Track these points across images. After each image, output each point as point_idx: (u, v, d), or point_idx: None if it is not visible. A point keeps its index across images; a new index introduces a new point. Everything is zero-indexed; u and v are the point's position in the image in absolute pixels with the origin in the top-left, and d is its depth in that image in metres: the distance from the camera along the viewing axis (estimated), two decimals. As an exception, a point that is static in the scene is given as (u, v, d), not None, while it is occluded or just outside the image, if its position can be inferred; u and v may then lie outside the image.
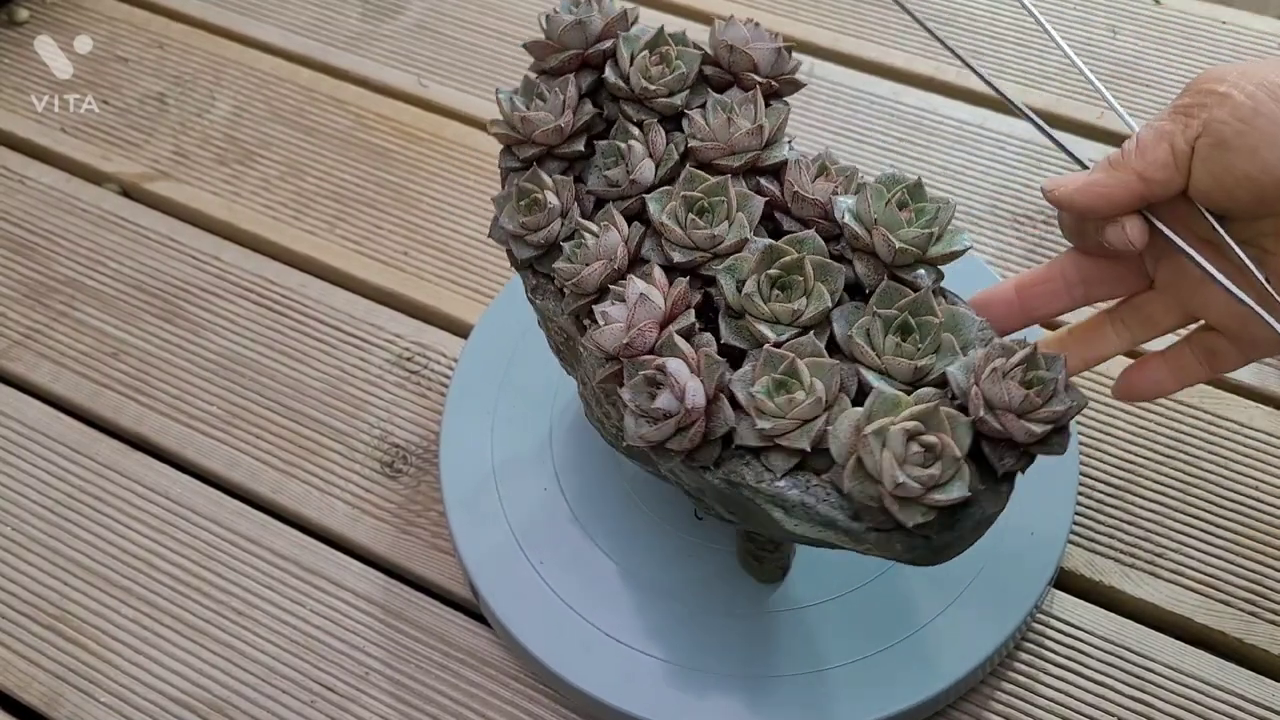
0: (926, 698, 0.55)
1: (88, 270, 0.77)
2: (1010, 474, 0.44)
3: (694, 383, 0.44)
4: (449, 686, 0.60)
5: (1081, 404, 0.43)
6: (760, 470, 0.45)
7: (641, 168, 0.50)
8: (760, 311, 0.46)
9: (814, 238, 0.47)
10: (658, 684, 0.56)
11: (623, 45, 0.52)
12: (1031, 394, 0.42)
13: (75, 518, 0.66)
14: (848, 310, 0.47)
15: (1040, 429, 0.42)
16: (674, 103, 0.51)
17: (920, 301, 0.45)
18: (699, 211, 0.48)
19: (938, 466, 0.42)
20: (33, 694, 0.61)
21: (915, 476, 0.41)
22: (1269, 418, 0.66)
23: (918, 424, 0.42)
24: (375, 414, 0.70)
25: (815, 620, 0.57)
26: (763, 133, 0.50)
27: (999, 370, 0.42)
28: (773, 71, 0.52)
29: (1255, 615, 0.59)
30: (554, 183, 0.51)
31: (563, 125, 0.51)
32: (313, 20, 0.91)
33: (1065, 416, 0.43)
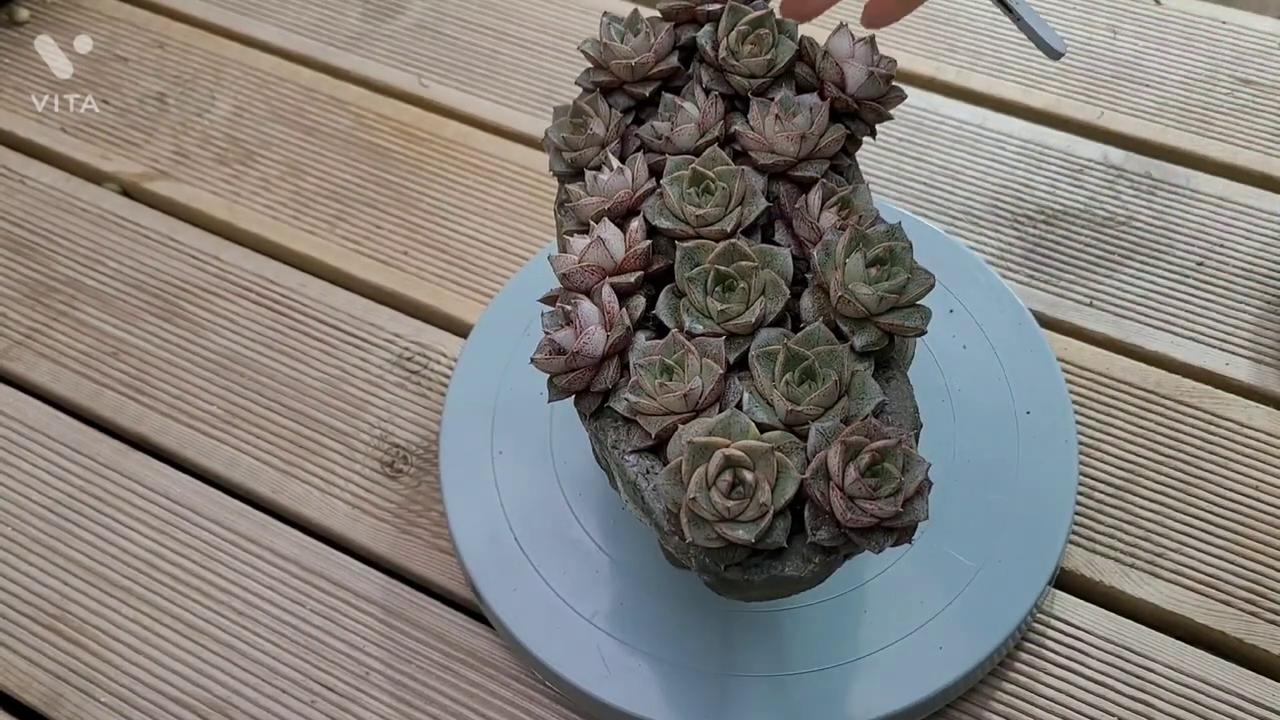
0: (926, 697, 0.55)
1: (88, 270, 0.77)
2: (827, 549, 0.44)
3: (597, 333, 0.46)
4: (449, 686, 0.60)
5: (915, 521, 0.43)
6: (619, 438, 0.47)
7: (684, 130, 0.51)
8: (695, 301, 0.47)
9: (785, 255, 0.48)
10: (658, 684, 0.56)
11: (728, 14, 0.53)
12: (868, 480, 0.42)
13: (75, 518, 0.66)
14: (775, 334, 0.47)
15: (861, 517, 0.42)
16: (746, 83, 0.52)
17: (834, 355, 0.45)
18: (703, 188, 0.49)
19: (742, 503, 0.42)
20: (33, 694, 0.61)
21: (713, 501, 0.42)
22: (1269, 418, 0.66)
23: (744, 456, 0.43)
24: (375, 414, 0.70)
25: (815, 620, 0.57)
26: (801, 143, 0.50)
27: (851, 445, 0.43)
28: (859, 92, 0.52)
29: (1255, 615, 0.59)
30: (607, 113, 0.53)
31: (637, 63, 0.52)
32: (313, 20, 0.91)
33: (893, 520, 0.43)
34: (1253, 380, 0.68)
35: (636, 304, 0.48)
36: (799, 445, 0.45)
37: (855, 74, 0.52)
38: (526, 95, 0.85)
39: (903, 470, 0.43)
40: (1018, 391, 0.64)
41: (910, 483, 0.43)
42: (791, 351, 0.45)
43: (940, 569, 0.58)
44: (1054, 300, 0.71)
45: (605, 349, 0.47)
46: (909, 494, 0.43)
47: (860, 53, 0.52)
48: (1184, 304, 0.71)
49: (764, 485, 0.43)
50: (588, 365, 0.47)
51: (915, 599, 0.57)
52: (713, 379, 0.45)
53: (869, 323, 0.47)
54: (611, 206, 0.50)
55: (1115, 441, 0.66)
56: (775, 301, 0.47)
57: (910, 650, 0.56)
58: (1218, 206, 0.75)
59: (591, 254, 0.48)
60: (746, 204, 0.49)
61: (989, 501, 0.60)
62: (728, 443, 0.44)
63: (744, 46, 0.52)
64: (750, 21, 0.53)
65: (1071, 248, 0.74)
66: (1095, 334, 0.70)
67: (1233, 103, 0.81)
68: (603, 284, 0.48)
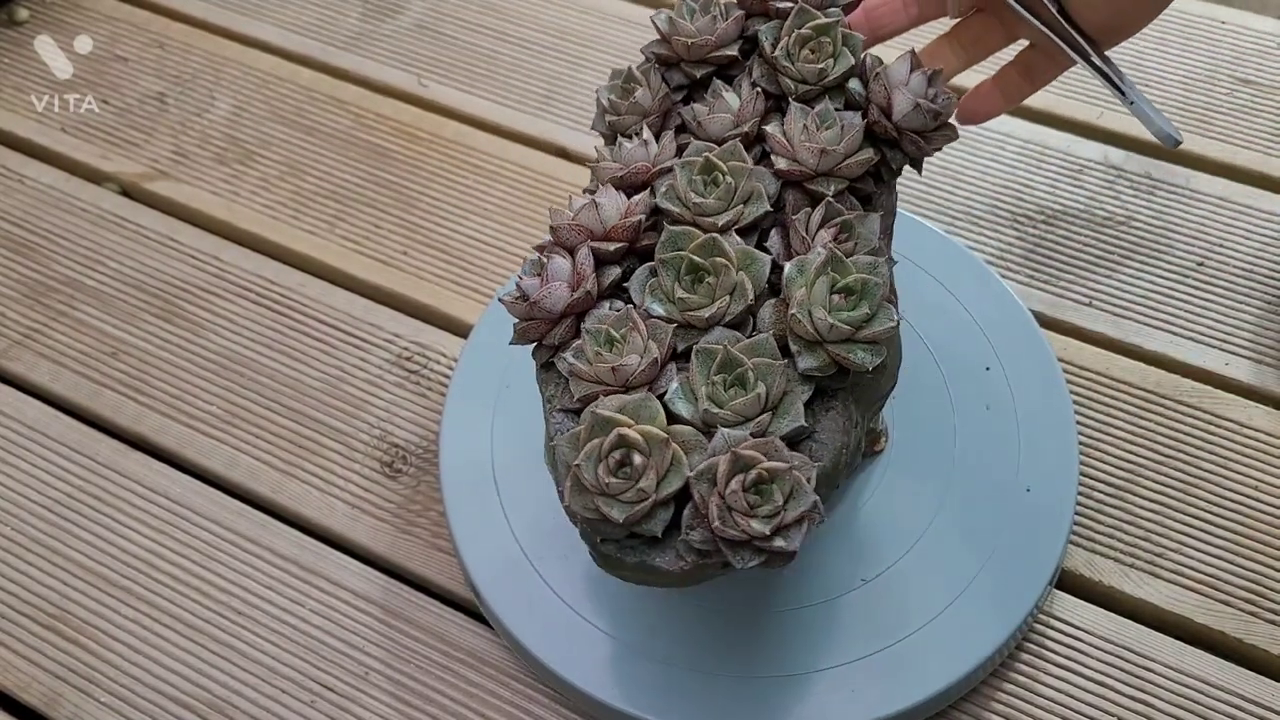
0: (927, 698, 0.55)
1: (87, 270, 0.77)
2: (700, 552, 0.44)
3: (560, 290, 0.47)
4: (449, 686, 0.60)
5: (785, 550, 0.43)
6: (554, 394, 0.48)
7: (718, 119, 0.51)
8: (663, 284, 0.48)
9: (764, 262, 0.48)
10: (658, 684, 0.56)
11: (795, 15, 0.52)
12: (749, 496, 0.43)
13: (75, 518, 0.66)
14: (726, 334, 0.47)
15: (733, 530, 0.43)
16: (794, 86, 0.52)
17: (770, 369, 0.45)
18: (711, 179, 0.49)
19: (624, 483, 0.43)
20: (33, 694, 0.61)
21: (597, 474, 0.43)
22: (1269, 418, 0.66)
23: (640, 440, 0.43)
24: (375, 414, 0.69)
25: (816, 620, 0.57)
26: (821, 157, 0.49)
27: (743, 459, 0.43)
28: (902, 121, 0.51)
29: (1255, 615, 0.59)
30: (656, 85, 0.53)
31: (694, 43, 0.52)
32: (313, 20, 0.91)
33: (762, 541, 0.43)
34: (1253, 380, 0.68)
35: (611, 272, 0.49)
36: (703, 445, 0.45)
37: (902, 102, 0.51)
38: (526, 95, 0.85)
39: (787, 497, 0.43)
40: (1018, 391, 0.64)
41: (791, 512, 0.43)
42: (730, 355, 0.46)
43: (940, 569, 0.58)
44: (1054, 300, 0.71)
45: (564, 307, 0.48)
46: (786, 522, 0.43)
47: (915, 82, 0.51)
48: (1184, 304, 0.71)
49: (651, 473, 0.43)
50: (545, 318, 0.48)
51: (915, 600, 0.57)
52: (648, 361, 0.46)
53: (820, 348, 0.46)
54: (626, 175, 0.51)
55: (1115, 441, 0.65)
56: (738, 303, 0.47)
57: (911, 650, 0.56)
58: (1217, 206, 0.75)
59: (584, 215, 0.49)
60: (750, 204, 0.49)
61: (989, 502, 0.60)
62: (629, 424, 0.44)
63: (801, 50, 0.52)
64: (814, 27, 0.52)
65: (1071, 248, 0.74)
66: (1095, 334, 0.70)
67: (1232, 103, 0.81)
68: (584, 245, 0.49)
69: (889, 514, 0.61)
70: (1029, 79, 0.56)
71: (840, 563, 0.59)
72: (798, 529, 0.43)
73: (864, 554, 0.59)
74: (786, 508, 0.43)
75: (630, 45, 0.88)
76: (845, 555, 0.59)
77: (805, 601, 0.58)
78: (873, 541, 0.60)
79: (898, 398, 0.64)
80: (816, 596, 0.58)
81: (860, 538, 0.60)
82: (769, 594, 0.58)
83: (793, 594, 0.58)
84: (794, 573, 0.58)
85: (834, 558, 0.59)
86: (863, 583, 0.58)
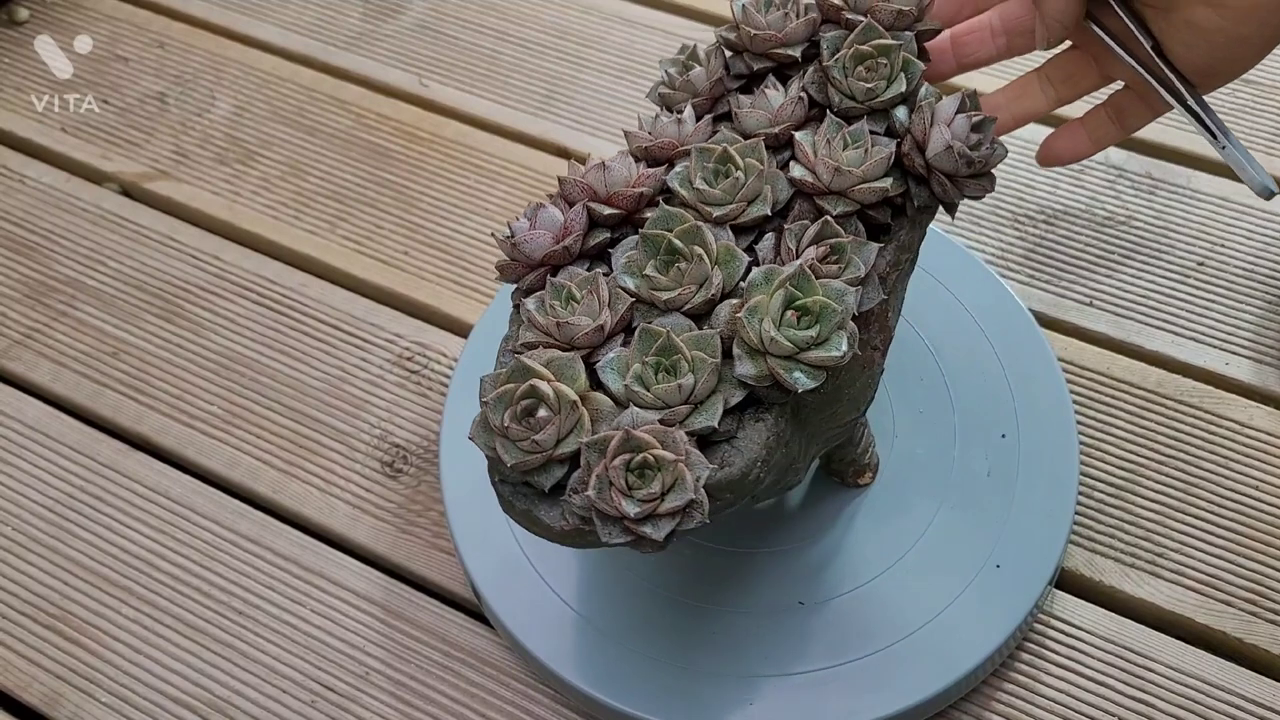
0: (927, 697, 0.55)
1: (87, 270, 0.77)
2: (581, 518, 0.45)
3: (542, 238, 0.49)
4: (449, 686, 0.60)
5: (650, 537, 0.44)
6: (512, 334, 0.49)
7: (756, 115, 0.51)
8: (638, 259, 0.48)
9: (742, 262, 0.48)
10: (658, 684, 0.56)
11: (861, 30, 0.51)
12: (629, 475, 0.43)
13: (75, 518, 0.66)
14: (679, 322, 0.47)
15: (606, 504, 0.44)
16: (839, 100, 0.51)
17: (702, 365, 0.45)
18: (724, 171, 0.49)
19: (523, 431, 0.44)
20: (33, 694, 0.61)
21: (503, 417, 0.45)
22: (1269, 418, 0.66)
23: (550, 395, 0.45)
24: (375, 414, 0.69)
25: (816, 620, 0.57)
26: (834, 175, 0.49)
27: (634, 439, 0.43)
28: (933, 160, 0.49)
29: (1255, 615, 0.59)
30: (712, 69, 0.53)
31: (757, 36, 0.52)
32: (314, 20, 0.91)
33: (632, 522, 0.43)
34: (1253, 380, 0.68)
35: (600, 235, 0.50)
36: (613, 417, 0.45)
37: (937, 141, 0.49)
38: (526, 95, 0.85)
39: (667, 488, 0.43)
40: (1018, 392, 0.64)
41: (666, 503, 0.43)
42: (670, 341, 0.46)
43: (940, 569, 0.58)
44: (1054, 300, 0.71)
45: (543, 255, 0.49)
46: (658, 511, 0.43)
47: (958, 124, 0.49)
48: (1184, 304, 0.71)
49: (551, 428, 0.44)
50: (524, 262, 0.49)
51: (915, 600, 0.57)
52: (594, 326, 0.47)
53: (760, 358, 0.46)
54: (651, 147, 0.51)
55: (1115, 441, 0.65)
56: (702, 295, 0.47)
57: (911, 650, 0.56)
58: (1218, 207, 0.75)
59: (591, 175, 0.50)
60: (754, 203, 0.49)
61: (989, 501, 0.60)
62: (547, 379, 0.45)
63: (857, 66, 0.50)
64: (876, 46, 0.50)
65: (1071, 248, 0.74)
66: (1095, 334, 0.70)
67: (1233, 103, 0.81)
68: (582, 203, 0.50)
69: (888, 513, 0.61)
70: (1119, 122, 0.54)
71: (840, 563, 0.59)
72: (668, 521, 0.43)
73: (864, 554, 0.59)
74: (664, 498, 0.43)
75: (631, 45, 0.88)
76: (845, 555, 0.59)
77: (806, 601, 0.58)
78: (873, 541, 0.60)
79: (898, 397, 0.64)
80: (817, 596, 0.58)
81: (860, 538, 0.60)
82: (770, 594, 0.58)
83: (793, 594, 0.58)
84: (738, 583, 0.58)
85: (834, 558, 0.59)
86: (863, 583, 0.58)
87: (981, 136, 0.50)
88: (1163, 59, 0.49)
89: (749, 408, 0.46)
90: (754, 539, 0.60)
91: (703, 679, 0.56)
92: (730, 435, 0.46)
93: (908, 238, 0.51)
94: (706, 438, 0.45)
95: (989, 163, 0.50)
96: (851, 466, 0.60)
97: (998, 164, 0.51)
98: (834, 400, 0.49)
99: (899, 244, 0.51)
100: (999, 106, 0.54)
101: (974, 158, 0.49)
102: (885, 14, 0.51)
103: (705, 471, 0.44)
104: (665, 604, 0.58)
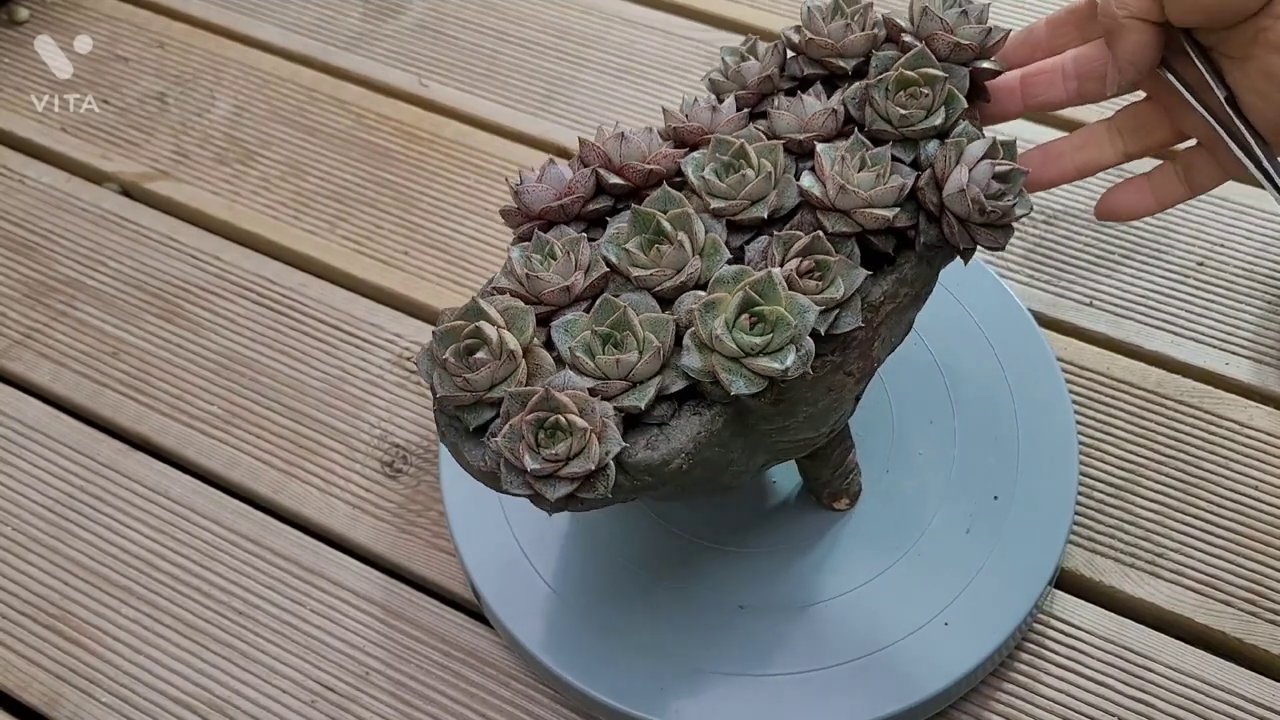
0: (927, 697, 0.55)
1: (88, 270, 0.77)
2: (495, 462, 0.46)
3: (544, 192, 0.50)
4: (449, 686, 0.60)
5: (543, 496, 0.44)
6: (500, 275, 0.50)
7: (786, 118, 0.51)
8: (624, 231, 0.49)
9: (722, 257, 0.48)
10: (658, 684, 0.56)
11: (911, 56, 0.49)
12: (538, 432, 0.44)
13: (75, 518, 0.66)
14: (642, 300, 0.47)
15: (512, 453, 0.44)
16: (870, 120, 0.50)
17: (648, 346, 0.45)
18: (735, 166, 0.49)
19: (459, 367, 0.45)
20: (33, 694, 0.61)
21: (445, 350, 0.46)
22: (1269, 418, 0.66)
23: (493, 339, 0.46)
24: (375, 414, 0.70)
25: (815, 620, 0.57)
26: (839, 193, 0.48)
27: (551, 399, 0.44)
28: (947, 199, 0.48)
29: (1255, 615, 0.59)
30: (765, 65, 0.53)
31: (811, 41, 0.52)
32: (314, 20, 0.91)
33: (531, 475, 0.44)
34: (1253, 380, 0.68)
35: (603, 201, 0.50)
36: (551, 373, 0.46)
37: (954, 182, 0.47)
38: (526, 95, 0.85)
39: (572, 454, 0.44)
40: (1018, 391, 0.64)
41: (570, 467, 0.44)
42: (625, 318, 0.46)
43: (940, 569, 0.58)
44: (1054, 300, 0.71)
45: (540, 209, 0.50)
46: (558, 472, 0.44)
47: (980, 170, 0.47)
48: (1184, 304, 0.71)
49: (485, 370, 0.45)
50: (524, 212, 0.50)
51: (915, 599, 0.57)
52: (561, 287, 0.47)
53: (707, 352, 0.45)
54: (681, 129, 0.51)
55: (1115, 441, 0.65)
56: (674, 280, 0.47)
57: (911, 651, 0.56)
58: (1218, 207, 0.75)
59: (610, 143, 0.50)
60: (755, 204, 0.49)
61: (989, 502, 0.60)
62: (495, 324, 0.46)
63: (899, 91, 0.49)
64: (922, 74, 0.49)
65: (1071, 248, 0.74)
66: (1095, 334, 0.70)
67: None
68: (593, 168, 0.50)
69: (888, 513, 0.61)
70: (1188, 181, 0.51)
71: (840, 563, 0.59)
72: (566, 484, 0.44)
73: (863, 554, 0.59)
74: (568, 462, 0.44)
75: (631, 45, 0.88)
76: (845, 555, 0.59)
77: (806, 601, 0.58)
78: (872, 541, 0.60)
79: (898, 398, 0.64)
80: (817, 596, 0.58)
81: (858, 538, 0.60)
82: (770, 593, 0.58)
83: (793, 594, 0.58)
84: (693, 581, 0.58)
85: (834, 558, 0.59)
86: (863, 583, 0.58)
87: (1005, 187, 0.48)
88: (1236, 112, 0.47)
89: (690, 400, 0.47)
90: (763, 539, 0.60)
91: (703, 678, 0.56)
92: (663, 421, 0.46)
93: (912, 273, 0.50)
94: (637, 418, 0.46)
95: (1006, 215, 0.48)
96: (826, 489, 0.60)
97: (1018, 219, 0.48)
98: (787, 414, 0.49)
99: (900, 277, 0.49)
100: (1062, 154, 0.52)
101: (988, 206, 0.47)
102: (943, 44, 0.50)
103: (616, 447, 0.44)
104: (665, 603, 0.58)
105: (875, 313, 0.49)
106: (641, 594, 0.59)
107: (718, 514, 0.61)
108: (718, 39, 0.88)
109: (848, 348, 0.49)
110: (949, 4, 0.51)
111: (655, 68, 0.86)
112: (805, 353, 0.45)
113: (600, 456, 0.44)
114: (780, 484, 0.62)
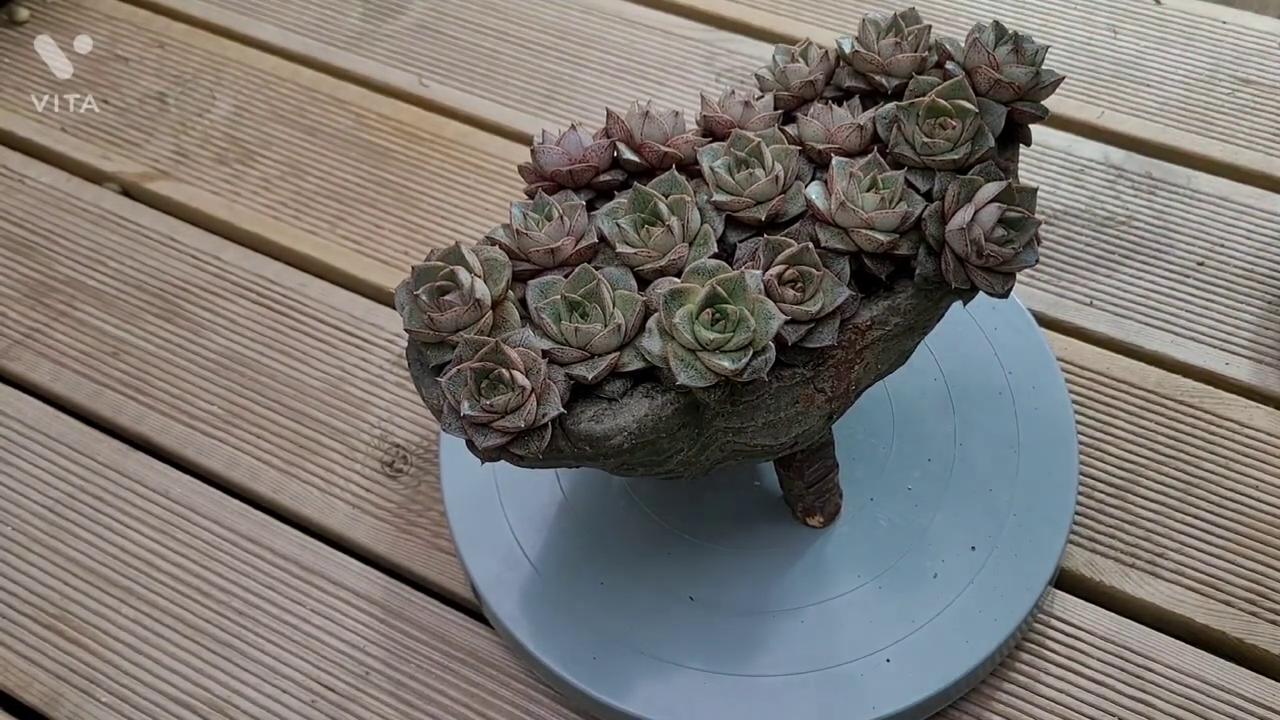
0: (926, 697, 0.55)
1: (88, 270, 0.77)
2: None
3: (558, 155, 0.51)
4: (449, 686, 0.60)
5: (475, 444, 0.45)
6: (500, 228, 0.51)
7: (812, 125, 0.51)
8: (622, 206, 0.50)
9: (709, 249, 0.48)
10: (658, 684, 0.56)
11: (950, 86, 0.49)
12: (482, 386, 0.45)
13: (75, 518, 0.66)
14: (622, 277, 0.48)
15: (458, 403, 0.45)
16: (894, 141, 0.49)
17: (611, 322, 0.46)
18: (746, 163, 0.50)
19: (428, 303, 0.46)
20: (33, 694, 0.61)
21: (421, 285, 0.47)
22: (1269, 418, 0.66)
23: (466, 285, 0.46)
24: (375, 414, 0.70)
25: (815, 620, 0.57)
26: (839, 210, 0.47)
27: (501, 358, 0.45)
28: (948, 235, 0.47)
29: (1256, 615, 0.59)
30: (811, 69, 0.53)
31: (855, 54, 0.53)
32: (313, 20, 0.91)
33: (470, 420, 0.45)
34: (1253, 380, 0.68)
35: (615, 173, 0.51)
36: (513, 329, 0.47)
37: (957, 219, 0.46)
38: (526, 95, 0.85)
39: (509, 409, 0.45)
40: (1018, 391, 0.64)
41: (504, 421, 0.45)
42: (597, 290, 0.46)
43: (940, 568, 0.58)
44: (1054, 300, 0.71)
45: (550, 172, 0.51)
46: (492, 423, 0.45)
47: (988, 212, 0.46)
48: (1184, 304, 0.71)
49: (452, 314, 0.46)
50: (537, 171, 0.52)
51: (915, 599, 0.57)
52: (545, 248, 0.48)
53: (666, 338, 0.45)
54: (711, 119, 0.52)
55: (1115, 441, 0.65)
56: (656, 263, 0.48)
57: (911, 650, 0.56)
58: (1218, 206, 0.75)
59: (634, 120, 0.51)
60: (758, 205, 0.49)
61: (989, 502, 0.60)
62: (471, 271, 0.47)
63: (927, 118, 0.48)
64: (955, 106, 0.48)
65: (1072, 248, 0.74)
66: (1095, 334, 0.70)
67: (1233, 103, 0.81)
68: (612, 140, 0.51)
69: (887, 513, 0.61)
70: None
71: (840, 563, 0.59)
72: (498, 436, 0.45)
73: (864, 554, 0.59)
74: (504, 416, 0.45)
75: (631, 45, 0.88)
76: (844, 555, 0.59)
77: (805, 601, 0.58)
78: (872, 541, 0.60)
79: (897, 398, 0.64)
80: (816, 597, 0.58)
81: (858, 538, 0.60)
82: (770, 593, 0.58)
83: (793, 594, 0.58)
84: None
85: (833, 558, 0.59)
86: (863, 583, 0.58)
87: (1013, 234, 0.47)
88: None
89: (647, 382, 0.47)
90: (767, 540, 0.60)
91: (703, 678, 0.56)
92: (614, 397, 0.46)
93: (907, 304, 0.49)
94: (589, 388, 0.46)
95: (1006, 263, 0.46)
96: (800, 503, 0.59)
97: (1019, 269, 0.47)
98: (744, 416, 0.48)
99: (893, 305, 0.48)
100: None
101: (987, 249, 0.46)
102: (984, 79, 0.49)
103: (554, 411, 0.45)
104: (665, 604, 0.58)
105: (860, 336, 0.48)
106: (641, 594, 0.59)
107: (728, 525, 0.61)
108: (718, 39, 0.88)
109: (821, 364, 0.48)
110: (1003, 40, 0.50)
111: (655, 68, 0.86)
112: (764, 358, 0.45)
113: (536, 416, 0.45)
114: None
